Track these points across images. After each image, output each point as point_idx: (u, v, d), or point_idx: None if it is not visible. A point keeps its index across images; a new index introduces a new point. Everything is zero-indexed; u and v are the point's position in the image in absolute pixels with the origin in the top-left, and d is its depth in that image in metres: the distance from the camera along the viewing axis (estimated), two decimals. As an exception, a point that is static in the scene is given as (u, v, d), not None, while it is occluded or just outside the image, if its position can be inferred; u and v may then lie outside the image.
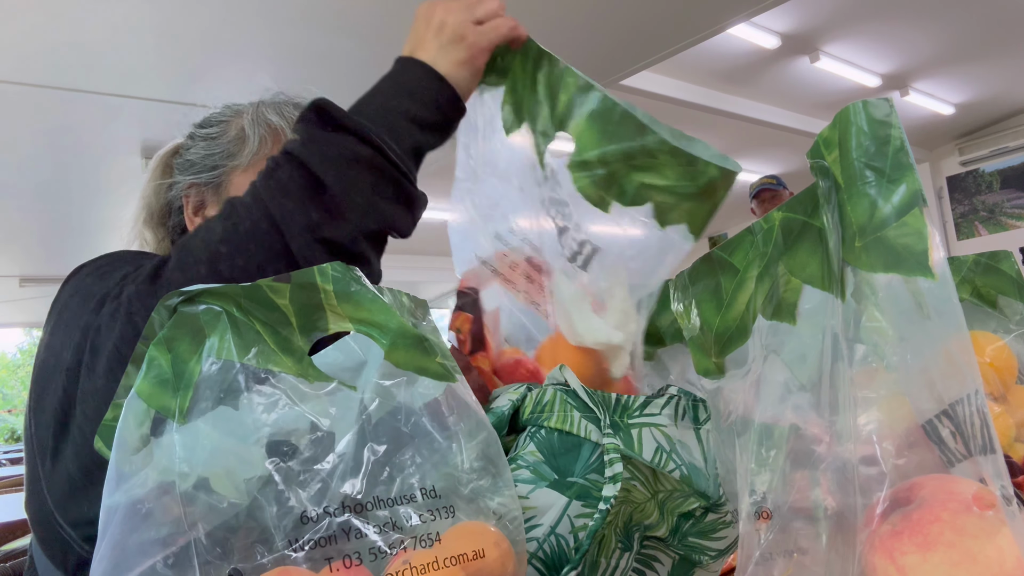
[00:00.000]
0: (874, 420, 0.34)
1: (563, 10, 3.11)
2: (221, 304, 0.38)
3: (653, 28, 3.36)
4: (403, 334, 0.41)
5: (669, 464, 0.52)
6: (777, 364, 0.42)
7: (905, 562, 0.30)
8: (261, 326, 0.38)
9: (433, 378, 0.42)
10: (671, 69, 4.51)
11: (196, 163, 0.82)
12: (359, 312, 0.40)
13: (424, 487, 0.39)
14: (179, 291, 0.37)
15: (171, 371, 0.37)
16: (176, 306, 0.38)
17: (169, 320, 0.37)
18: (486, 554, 0.38)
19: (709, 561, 0.58)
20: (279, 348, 0.39)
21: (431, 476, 0.39)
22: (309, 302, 0.39)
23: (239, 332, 0.38)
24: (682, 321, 0.50)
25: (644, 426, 0.53)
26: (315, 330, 0.40)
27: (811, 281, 0.40)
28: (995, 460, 0.31)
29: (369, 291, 0.40)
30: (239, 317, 0.38)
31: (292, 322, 0.39)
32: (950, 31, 4.66)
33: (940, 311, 0.32)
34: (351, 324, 0.40)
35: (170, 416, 0.36)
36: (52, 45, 2.91)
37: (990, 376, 0.58)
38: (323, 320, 0.40)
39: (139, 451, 0.35)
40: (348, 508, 0.36)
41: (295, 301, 0.39)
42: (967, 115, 6.30)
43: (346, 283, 0.40)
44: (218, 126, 0.83)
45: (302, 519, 0.35)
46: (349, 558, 0.35)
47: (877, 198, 0.35)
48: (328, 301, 0.40)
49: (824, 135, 0.37)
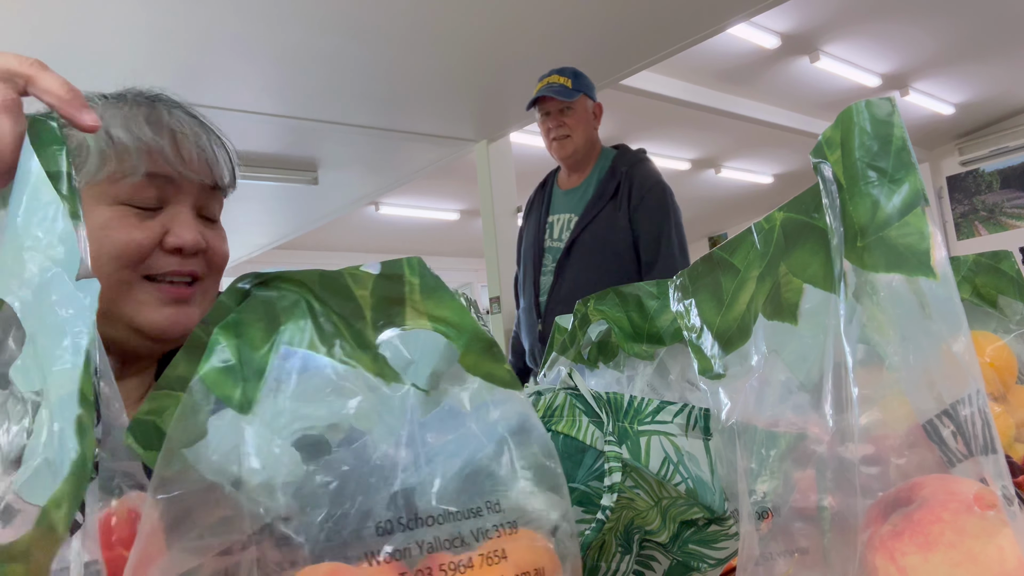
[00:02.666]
0: (875, 420, 0.34)
1: (563, 10, 3.11)
2: (298, 291, 0.35)
3: (653, 28, 3.36)
4: (477, 337, 0.39)
5: (675, 477, 0.52)
6: (778, 364, 0.42)
7: (906, 562, 0.30)
8: (337, 318, 0.36)
9: (500, 385, 0.40)
10: (671, 69, 4.51)
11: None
12: (440, 310, 0.38)
13: (490, 501, 0.37)
14: (253, 273, 0.35)
15: (238, 358, 0.34)
16: (250, 289, 0.35)
17: (240, 303, 0.34)
18: (546, 573, 0.36)
19: (707, 568, 0.58)
20: (355, 343, 0.36)
21: (495, 489, 0.37)
22: (391, 295, 0.37)
23: (319, 323, 0.35)
24: (682, 321, 0.50)
25: (654, 434, 0.53)
26: (390, 325, 0.37)
27: (813, 281, 0.40)
28: (996, 460, 0.31)
29: (448, 288, 0.38)
30: (317, 307, 0.36)
31: (366, 316, 0.37)
32: (950, 31, 4.66)
33: (942, 311, 0.32)
34: (429, 322, 0.38)
35: (234, 407, 0.33)
36: (52, 45, 2.91)
37: (990, 376, 0.58)
38: (400, 316, 0.37)
39: (193, 444, 0.32)
40: (421, 520, 0.34)
41: (376, 293, 0.37)
42: (967, 115, 6.30)
43: (432, 278, 0.38)
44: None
45: (376, 530, 0.33)
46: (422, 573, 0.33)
47: (879, 198, 0.35)
48: (412, 295, 0.37)
49: (827, 135, 0.37)
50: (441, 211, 7.33)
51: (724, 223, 9.20)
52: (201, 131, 0.76)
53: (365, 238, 7.87)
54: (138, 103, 0.74)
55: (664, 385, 0.70)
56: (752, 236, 0.45)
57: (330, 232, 7.13)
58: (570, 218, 2.40)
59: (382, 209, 6.89)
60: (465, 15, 3.06)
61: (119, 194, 0.70)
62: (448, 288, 0.38)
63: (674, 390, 0.70)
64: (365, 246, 8.14)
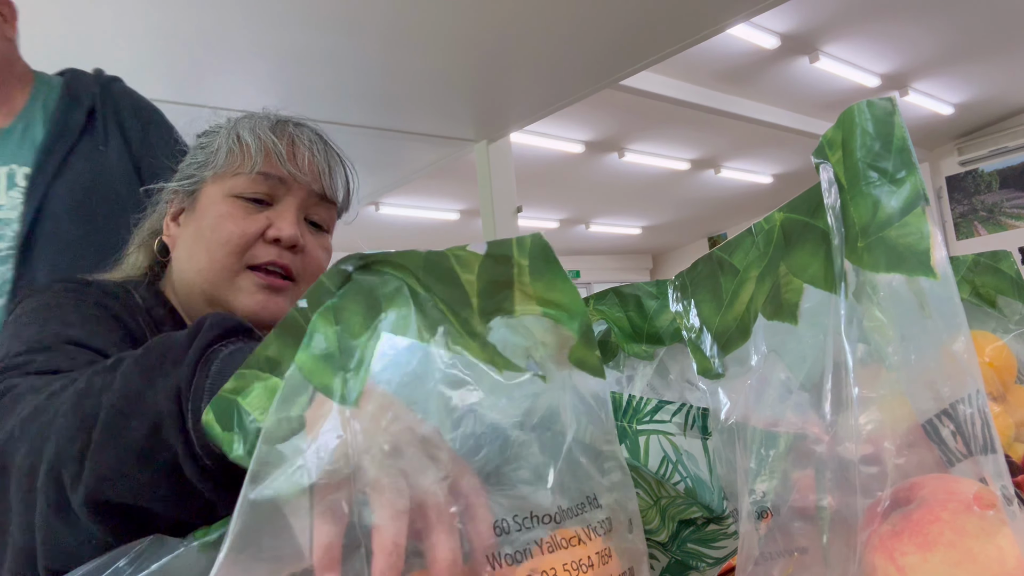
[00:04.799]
0: (874, 420, 0.34)
1: (563, 10, 3.11)
2: (401, 275, 0.33)
3: (653, 28, 3.36)
4: (587, 321, 0.36)
5: (674, 476, 0.52)
6: (778, 364, 0.42)
7: (905, 562, 0.30)
8: (442, 304, 0.34)
9: (591, 373, 0.37)
10: (671, 69, 4.51)
11: (181, 171, 0.84)
12: (551, 293, 0.36)
13: (589, 496, 0.35)
14: (358, 254, 0.33)
15: (337, 345, 0.31)
16: (351, 273, 0.33)
17: (341, 288, 0.32)
18: (635, 572, 0.35)
19: (705, 567, 0.58)
20: (462, 330, 0.34)
21: (592, 484, 0.35)
22: (499, 278, 0.35)
23: (422, 309, 0.33)
24: (681, 321, 0.50)
25: (652, 433, 0.53)
26: (498, 312, 0.35)
27: (813, 282, 0.40)
28: (996, 460, 0.31)
29: (560, 268, 0.35)
30: (420, 292, 0.33)
31: (472, 303, 0.34)
32: (950, 31, 4.66)
33: (942, 310, 0.32)
34: (539, 306, 0.36)
35: (334, 397, 0.31)
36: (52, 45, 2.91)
37: (989, 376, 0.58)
38: (509, 300, 0.35)
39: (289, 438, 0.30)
40: (538, 519, 0.32)
41: (483, 276, 0.34)
42: (966, 115, 6.31)
43: (543, 259, 0.35)
44: (207, 136, 0.84)
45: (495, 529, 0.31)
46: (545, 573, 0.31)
47: (880, 198, 0.35)
48: (520, 278, 0.35)
49: (828, 136, 0.37)
50: (441, 211, 7.33)
51: (723, 223, 9.20)
52: (320, 144, 0.84)
53: (365, 238, 7.87)
54: (267, 116, 0.83)
55: (664, 385, 0.70)
56: (752, 236, 0.45)
57: (330, 232, 7.12)
58: (9, 171, 1.31)
59: (382, 209, 6.89)
60: (465, 15, 3.06)
61: (235, 187, 0.79)
62: (561, 269, 0.36)
63: (674, 390, 0.70)
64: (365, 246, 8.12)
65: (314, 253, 0.82)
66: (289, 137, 0.81)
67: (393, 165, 5.07)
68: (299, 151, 0.81)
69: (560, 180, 6.82)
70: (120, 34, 2.91)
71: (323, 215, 0.84)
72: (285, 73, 3.50)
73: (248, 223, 0.78)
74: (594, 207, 8.15)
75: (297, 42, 3.17)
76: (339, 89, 3.69)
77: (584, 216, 8.48)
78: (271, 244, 0.78)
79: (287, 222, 0.78)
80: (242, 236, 0.77)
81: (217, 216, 0.78)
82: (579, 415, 0.36)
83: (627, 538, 0.36)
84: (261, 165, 0.78)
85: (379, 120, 4.17)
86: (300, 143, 0.81)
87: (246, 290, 0.77)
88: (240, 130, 0.81)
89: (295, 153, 0.80)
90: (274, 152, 0.79)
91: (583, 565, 0.32)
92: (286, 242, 0.78)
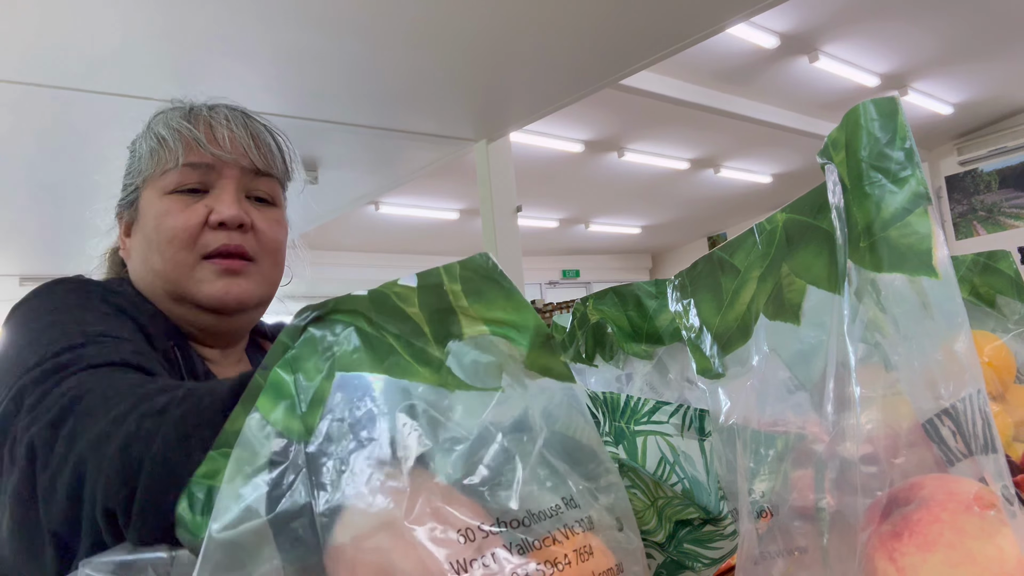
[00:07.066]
0: (875, 419, 0.34)
1: (563, 10, 3.11)
2: (352, 319, 0.35)
3: (653, 28, 3.36)
4: (538, 332, 0.37)
5: (672, 477, 0.52)
6: (778, 364, 0.42)
7: (905, 562, 0.30)
8: (394, 339, 0.35)
9: (558, 379, 0.38)
10: (671, 69, 4.51)
11: (122, 187, 0.84)
12: (493, 312, 0.36)
13: (565, 497, 0.35)
14: (310, 306, 0.34)
15: (294, 389, 0.33)
16: (306, 326, 0.34)
17: (296, 341, 0.34)
18: (624, 569, 0.36)
19: (702, 568, 0.58)
20: (415, 360, 0.35)
21: (567, 486, 0.36)
22: (440, 306, 0.36)
23: (371, 345, 0.35)
24: (681, 321, 0.50)
25: (650, 434, 0.53)
26: (450, 337, 0.36)
27: (816, 282, 0.40)
28: (996, 459, 0.31)
29: (503, 284, 0.36)
30: (369, 331, 0.35)
31: (425, 331, 0.35)
32: (950, 31, 4.66)
33: (943, 310, 0.32)
34: (485, 326, 0.36)
35: (295, 438, 0.32)
36: (53, 45, 2.91)
37: (989, 375, 0.58)
38: (456, 325, 0.36)
39: (251, 479, 0.31)
40: (504, 523, 0.33)
41: (425, 307, 0.35)
42: (966, 115, 6.31)
43: (476, 280, 0.36)
44: (132, 145, 0.84)
45: (461, 537, 0.32)
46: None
47: (883, 198, 0.35)
48: (458, 303, 0.36)
49: (832, 136, 0.37)
50: (441, 210, 7.33)
51: (723, 223, 9.20)
52: (240, 120, 0.82)
53: (365, 237, 7.87)
54: (179, 106, 0.83)
55: (663, 384, 0.70)
56: (754, 237, 0.45)
57: (330, 231, 7.13)
58: None
59: (382, 208, 6.89)
60: (465, 15, 3.06)
61: (167, 184, 0.79)
62: (502, 285, 0.37)
63: (673, 389, 0.70)
64: (365, 246, 8.14)
65: (265, 228, 0.82)
66: (205, 121, 0.80)
67: (393, 164, 5.07)
68: (218, 132, 0.80)
69: (560, 179, 6.83)
70: (120, 34, 2.91)
71: (265, 188, 0.83)
72: (285, 73, 3.50)
73: (188, 215, 0.77)
74: (594, 206, 8.16)
75: (297, 42, 3.17)
76: (339, 89, 3.69)
77: (584, 215, 8.49)
78: (218, 230, 0.78)
79: (225, 204, 0.78)
80: (185, 229, 0.77)
81: (157, 216, 0.78)
82: (552, 421, 0.37)
83: (616, 535, 0.37)
84: (184, 156, 0.78)
85: (379, 120, 4.17)
86: (217, 124, 0.81)
87: (206, 280, 0.78)
88: (156, 128, 0.81)
89: (215, 135, 0.80)
90: (193, 139, 0.79)
91: (559, 564, 0.33)
92: (231, 223, 0.78)
